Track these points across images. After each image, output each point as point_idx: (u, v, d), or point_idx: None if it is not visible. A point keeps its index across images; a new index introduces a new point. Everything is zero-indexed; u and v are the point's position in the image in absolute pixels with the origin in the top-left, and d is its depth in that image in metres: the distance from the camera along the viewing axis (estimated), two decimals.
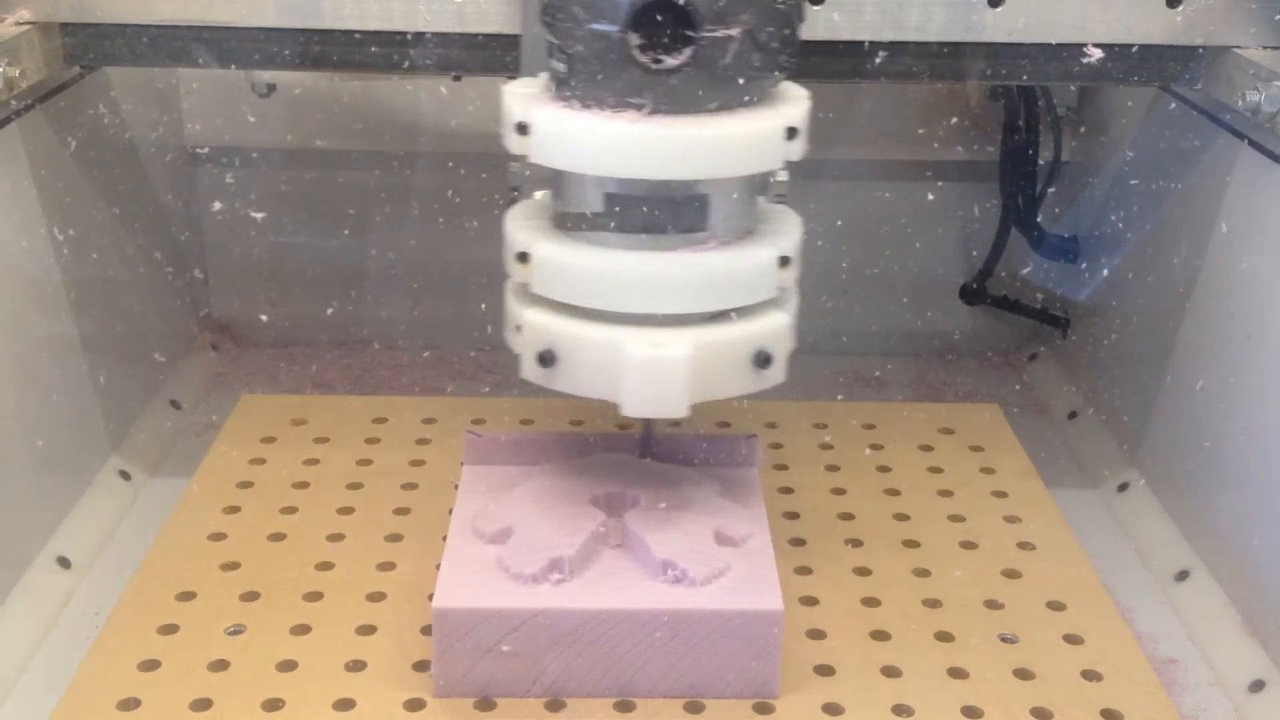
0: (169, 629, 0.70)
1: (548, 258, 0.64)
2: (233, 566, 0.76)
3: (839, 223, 1.06)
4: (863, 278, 1.09)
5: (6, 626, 0.71)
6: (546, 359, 0.64)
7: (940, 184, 1.07)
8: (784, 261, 0.65)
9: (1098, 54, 0.77)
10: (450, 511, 0.72)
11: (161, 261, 0.98)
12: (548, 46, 0.63)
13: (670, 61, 0.59)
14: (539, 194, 0.70)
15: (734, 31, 0.59)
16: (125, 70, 0.91)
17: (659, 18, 0.59)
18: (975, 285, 1.08)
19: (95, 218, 0.87)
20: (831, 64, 0.78)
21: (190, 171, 1.06)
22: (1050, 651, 0.70)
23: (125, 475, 0.87)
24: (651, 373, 0.63)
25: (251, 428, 0.91)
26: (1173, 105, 0.88)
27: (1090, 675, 0.69)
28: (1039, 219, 1.03)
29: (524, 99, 0.64)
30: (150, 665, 0.67)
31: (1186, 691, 0.70)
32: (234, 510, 0.81)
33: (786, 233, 0.67)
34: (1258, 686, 0.69)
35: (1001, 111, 1.02)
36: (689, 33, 0.59)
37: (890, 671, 0.68)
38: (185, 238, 1.05)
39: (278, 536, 0.79)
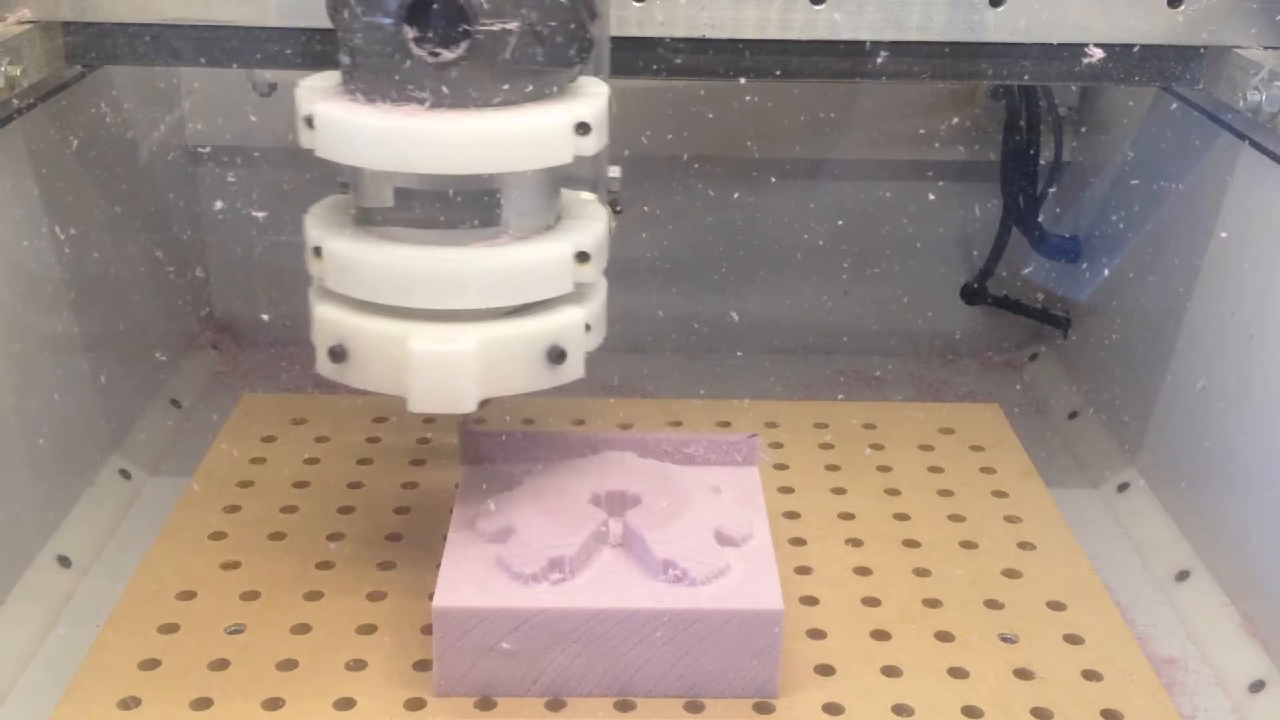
0: (169, 628, 0.70)
1: (338, 253, 0.64)
2: (233, 565, 0.76)
3: (840, 222, 1.06)
4: (863, 277, 1.09)
5: (7, 625, 0.71)
6: (337, 354, 0.64)
7: (941, 184, 1.07)
8: (582, 257, 0.65)
9: (1099, 54, 0.77)
10: (450, 510, 0.72)
11: (163, 260, 0.99)
12: (338, 39, 0.62)
13: (447, 55, 0.59)
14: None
15: (512, 25, 0.58)
16: (126, 69, 0.91)
17: (434, 11, 0.58)
18: (976, 285, 1.08)
19: (96, 217, 0.87)
20: (833, 63, 0.78)
21: (191, 170, 1.06)
22: (1050, 651, 0.70)
23: (126, 474, 0.87)
24: (437, 368, 0.62)
25: (252, 427, 0.91)
26: (1174, 105, 0.88)
27: (1090, 675, 0.69)
28: (1040, 219, 1.03)
29: (313, 92, 0.63)
30: (151, 664, 0.67)
31: (1186, 691, 0.70)
32: (234, 509, 0.81)
33: (588, 227, 0.66)
34: (1258, 686, 0.69)
35: (1003, 111, 1.02)
36: (465, 26, 0.58)
37: (890, 671, 0.69)
38: (187, 237, 1.05)
39: (278, 535, 0.79)
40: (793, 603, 0.72)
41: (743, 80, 0.79)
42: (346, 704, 0.65)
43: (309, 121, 0.62)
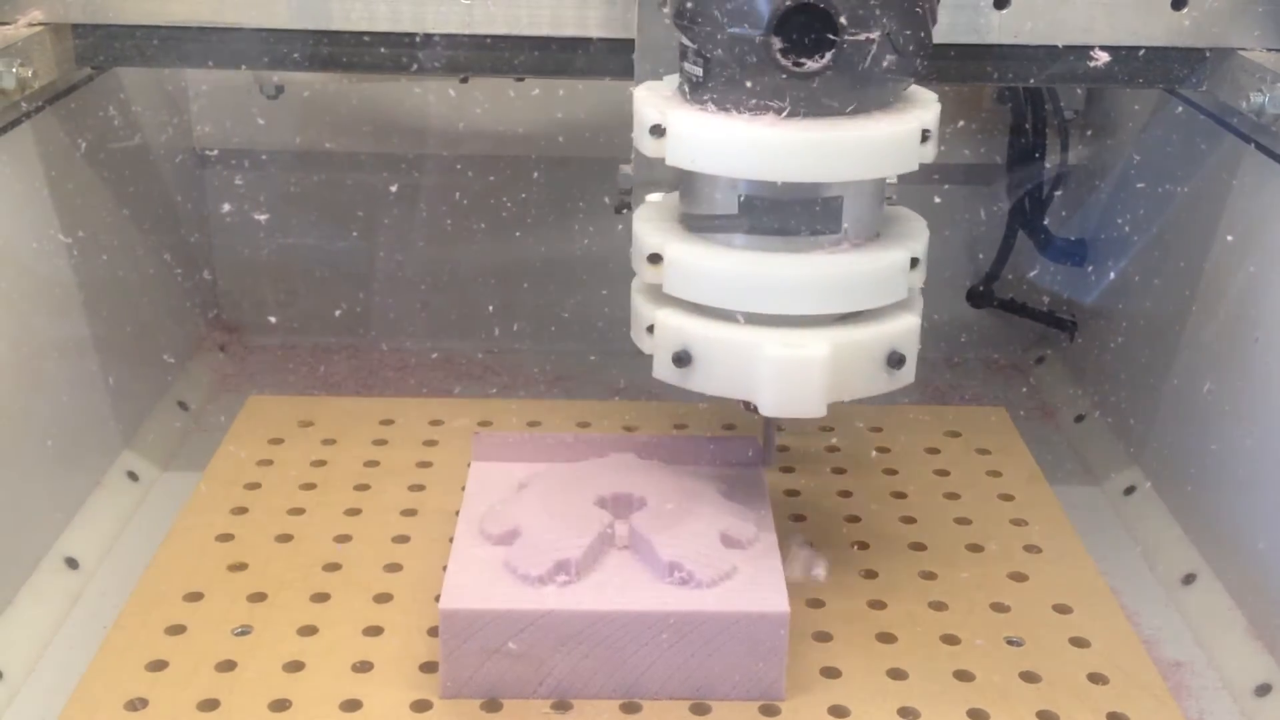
0: (176, 629, 0.70)
1: (682, 259, 0.64)
2: (240, 567, 0.76)
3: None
4: None
5: (15, 626, 0.71)
6: (682, 359, 0.65)
7: (947, 187, 1.07)
8: (914, 263, 0.66)
9: (1104, 58, 0.77)
10: (457, 513, 0.72)
11: (171, 263, 0.99)
12: (681, 49, 0.63)
13: (811, 65, 0.59)
14: (652, 196, 0.70)
15: (874, 35, 0.59)
16: (135, 72, 0.92)
17: (801, 21, 0.59)
18: (982, 288, 1.08)
19: (105, 219, 0.88)
20: None
21: (199, 173, 1.06)
22: (1056, 654, 0.70)
23: (133, 476, 0.87)
24: (790, 373, 0.63)
25: (259, 429, 0.91)
26: (1179, 109, 0.88)
27: (1096, 678, 0.69)
28: (1046, 222, 1.03)
29: (658, 101, 0.64)
30: (158, 665, 0.68)
31: (1192, 695, 0.70)
32: (241, 511, 0.81)
33: (914, 234, 0.67)
34: (1264, 690, 0.69)
35: (1008, 115, 1.02)
36: (831, 36, 0.59)
37: (896, 674, 0.69)
38: (194, 239, 1.05)
39: (285, 537, 0.79)
40: (798, 605, 0.72)
41: None
42: (353, 705, 0.65)
43: (657, 130, 0.63)
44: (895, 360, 0.65)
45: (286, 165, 1.05)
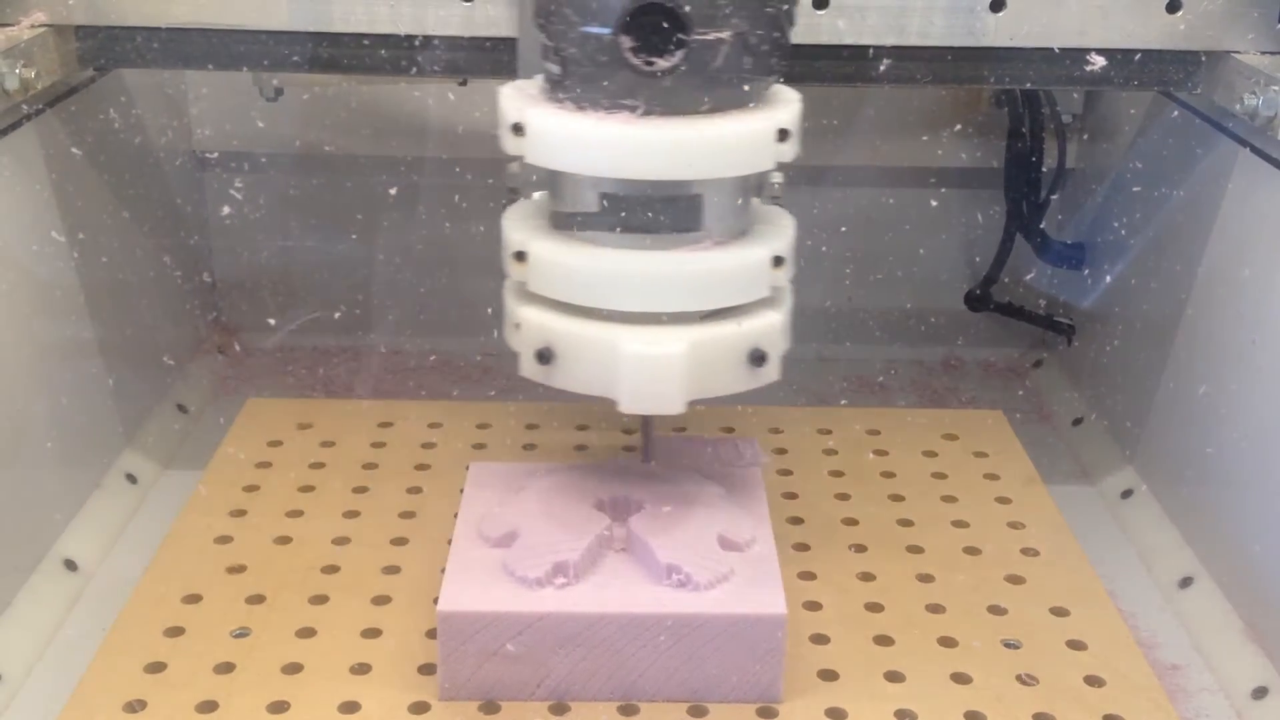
0: (175, 631, 0.70)
1: (545, 257, 0.65)
2: (239, 569, 0.76)
3: (843, 229, 1.07)
4: (867, 283, 1.09)
5: (13, 629, 0.71)
6: (544, 356, 0.65)
7: (944, 190, 1.07)
8: (778, 261, 0.66)
9: (1100, 62, 0.78)
10: (455, 515, 0.73)
11: (170, 265, 0.99)
12: (542, 48, 0.63)
13: (662, 64, 0.60)
14: (537, 194, 0.71)
15: (725, 34, 0.60)
16: (137, 74, 0.92)
17: (651, 21, 0.59)
18: (979, 291, 1.09)
19: (106, 221, 0.88)
20: (835, 68, 0.79)
21: (199, 175, 1.06)
22: (1053, 657, 0.70)
23: (132, 478, 0.87)
24: (648, 370, 0.63)
25: (258, 431, 0.91)
26: (1175, 112, 0.89)
27: (1093, 681, 0.69)
28: (1043, 225, 1.03)
29: (519, 100, 0.64)
30: (156, 667, 0.68)
31: (1189, 698, 0.70)
32: (240, 513, 0.82)
33: (780, 233, 0.68)
34: (1260, 693, 0.69)
35: (1006, 118, 1.03)
36: (681, 35, 0.59)
37: (893, 676, 0.69)
38: (194, 241, 1.05)
39: (284, 540, 0.79)
40: (796, 608, 0.72)
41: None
42: (351, 707, 0.65)
43: (518, 129, 0.63)
44: (757, 358, 0.65)
45: (286, 168, 1.05)
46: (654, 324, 0.64)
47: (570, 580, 0.66)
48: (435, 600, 0.65)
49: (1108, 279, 0.98)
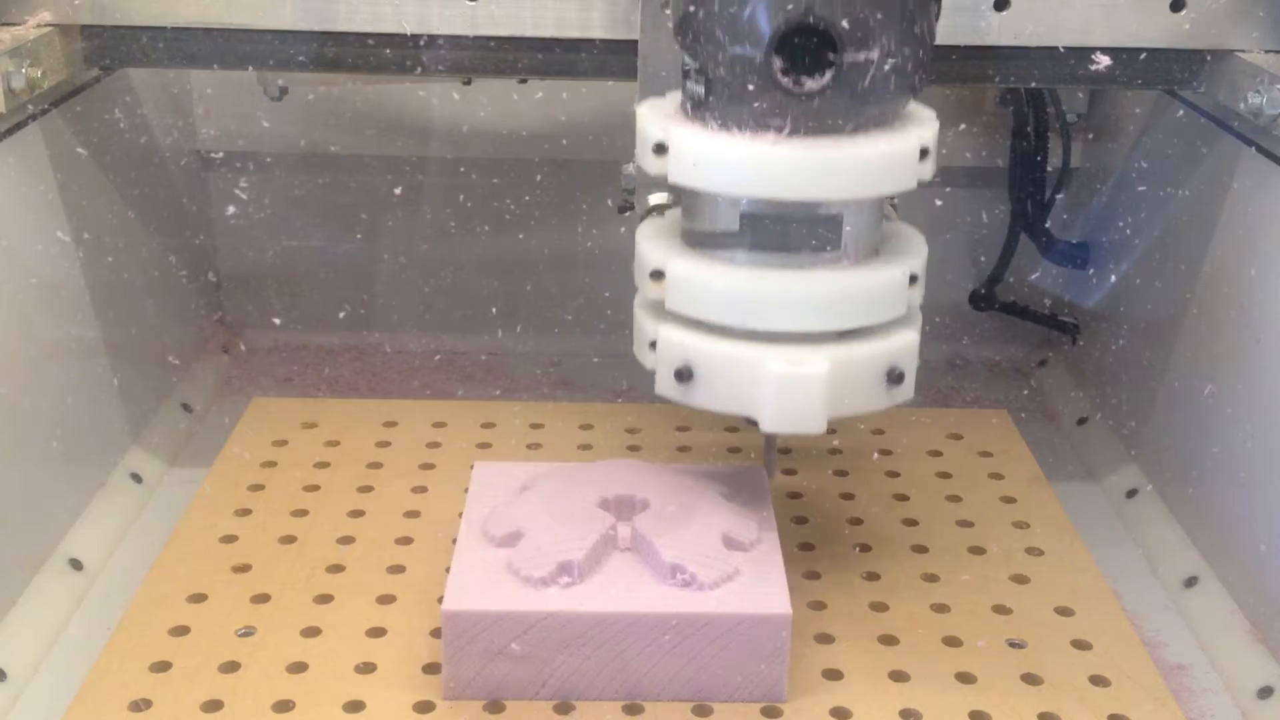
0: (180, 630, 0.71)
1: (684, 275, 0.65)
2: (244, 568, 0.76)
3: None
4: None
5: (19, 628, 0.71)
6: (683, 375, 0.65)
7: (949, 189, 1.07)
8: (913, 279, 0.66)
9: (1105, 61, 0.78)
10: (460, 515, 0.73)
11: (175, 264, 0.99)
12: (683, 68, 0.63)
13: (811, 85, 0.60)
14: (658, 196, 0.70)
15: (873, 54, 0.60)
16: (142, 73, 0.92)
17: (802, 42, 0.59)
18: (984, 291, 1.08)
19: (111, 220, 0.88)
20: None
21: (204, 175, 1.06)
22: (1058, 657, 0.70)
23: (137, 478, 0.87)
24: (791, 390, 0.63)
25: (263, 430, 0.91)
26: (1179, 111, 0.89)
27: (1098, 681, 0.69)
28: (1048, 224, 1.03)
29: (660, 119, 0.64)
30: (161, 666, 0.68)
31: (1194, 698, 0.70)
32: (245, 512, 0.82)
33: (913, 251, 0.68)
34: (1266, 693, 0.69)
35: (1010, 118, 1.03)
36: (831, 56, 0.59)
37: (898, 676, 0.69)
38: (199, 241, 1.05)
39: (288, 539, 0.79)
40: (801, 607, 0.72)
41: None
42: (356, 706, 0.65)
43: (660, 148, 0.63)
44: (895, 376, 0.65)
45: (291, 167, 1.05)
46: (795, 343, 0.64)
47: (575, 580, 0.66)
48: (440, 599, 0.65)
49: (1112, 278, 0.98)
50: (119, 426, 0.88)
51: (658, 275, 0.65)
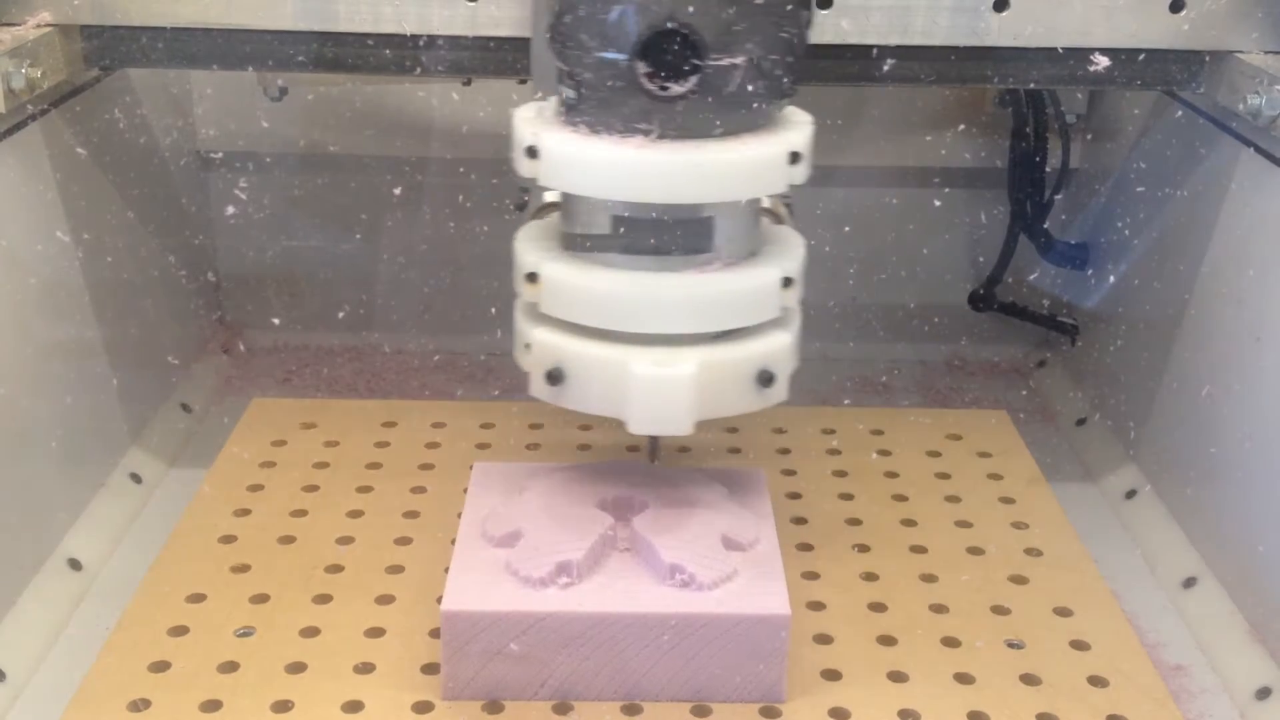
0: (179, 630, 0.71)
1: (556, 278, 0.65)
2: (243, 569, 0.76)
3: (847, 229, 1.07)
4: (871, 283, 1.09)
5: (18, 628, 0.72)
6: (555, 377, 0.65)
7: (948, 190, 1.07)
8: (787, 282, 0.66)
9: (1104, 61, 0.78)
10: (459, 515, 0.73)
11: (175, 265, 0.99)
12: (557, 72, 0.64)
13: (677, 89, 0.60)
14: (552, 194, 0.71)
15: (739, 59, 0.60)
16: (142, 74, 0.92)
17: (666, 47, 0.59)
18: (983, 291, 1.09)
19: (110, 220, 0.88)
20: (839, 68, 0.79)
21: (203, 175, 1.06)
22: (1057, 657, 0.70)
23: (137, 477, 0.87)
24: (657, 391, 0.63)
25: (262, 431, 0.91)
26: (1179, 112, 0.89)
27: (1097, 681, 0.69)
28: (1047, 225, 1.03)
29: (533, 122, 0.64)
30: (160, 666, 0.68)
31: (1193, 698, 0.70)
32: (244, 513, 0.82)
33: (790, 254, 0.68)
34: (1264, 694, 0.69)
35: (1009, 118, 1.03)
36: (696, 61, 0.60)
37: (897, 676, 0.69)
38: (199, 241, 1.05)
39: (288, 539, 0.79)
40: (800, 608, 0.72)
41: None
42: (355, 707, 0.65)
43: (531, 152, 0.63)
44: (765, 378, 0.65)
45: (290, 167, 1.05)
46: (664, 345, 0.64)
47: (574, 580, 0.66)
48: (439, 600, 0.65)
49: (1111, 279, 0.98)
50: (119, 426, 0.88)
51: (532, 278, 0.66)
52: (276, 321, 1.08)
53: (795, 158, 0.63)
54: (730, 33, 0.60)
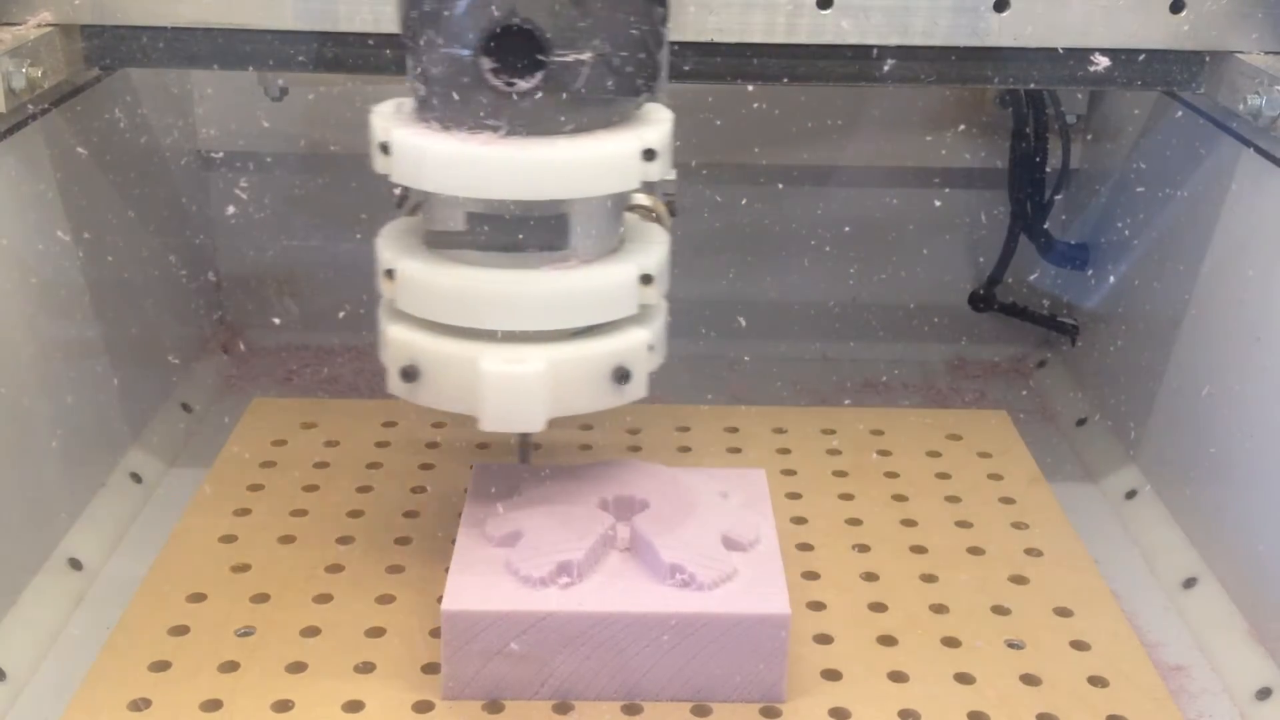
0: (179, 630, 0.71)
1: (410, 275, 0.65)
2: (243, 568, 0.76)
3: (847, 229, 1.07)
4: (871, 284, 1.09)
5: (18, 627, 0.72)
6: (409, 374, 0.65)
7: (948, 190, 1.07)
8: (646, 279, 0.66)
9: (1104, 62, 0.78)
10: (459, 515, 0.73)
11: (175, 264, 0.99)
12: (408, 68, 0.64)
13: (522, 85, 0.60)
14: (418, 202, 0.71)
15: (585, 56, 0.60)
16: (142, 73, 0.92)
17: (511, 43, 0.60)
18: (983, 292, 1.09)
19: (111, 220, 0.88)
20: (839, 68, 0.79)
21: (204, 175, 1.06)
22: (1057, 657, 0.70)
23: (137, 477, 0.87)
24: (506, 388, 0.64)
25: (262, 430, 0.91)
26: (1179, 112, 0.89)
27: (1097, 681, 0.69)
28: (1047, 225, 1.03)
29: (388, 118, 0.65)
30: (161, 666, 0.68)
31: (1193, 698, 0.70)
32: (245, 512, 0.82)
33: (650, 250, 0.68)
34: (1264, 694, 0.69)
35: (1010, 119, 1.03)
36: (540, 57, 0.60)
37: (897, 676, 0.69)
38: (199, 241, 1.05)
39: (288, 539, 0.79)
40: (800, 607, 0.72)
41: (750, 85, 0.80)
42: (355, 706, 0.65)
43: (384, 148, 0.64)
44: (621, 375, 0.66)
45: (291, 167, 1.05)
46: (516, 342, 0.64)
47: (574, 580, 0.66)
48: (439, 599, 0.65)
49: (1111, 279, 0.98)
50: (119, 426, 0.88)
51: (389, 274, 0.66)
52: (277, 321, 1.08)
53: (650, 154, 0.63)
54: (575, 29, 0.60)
